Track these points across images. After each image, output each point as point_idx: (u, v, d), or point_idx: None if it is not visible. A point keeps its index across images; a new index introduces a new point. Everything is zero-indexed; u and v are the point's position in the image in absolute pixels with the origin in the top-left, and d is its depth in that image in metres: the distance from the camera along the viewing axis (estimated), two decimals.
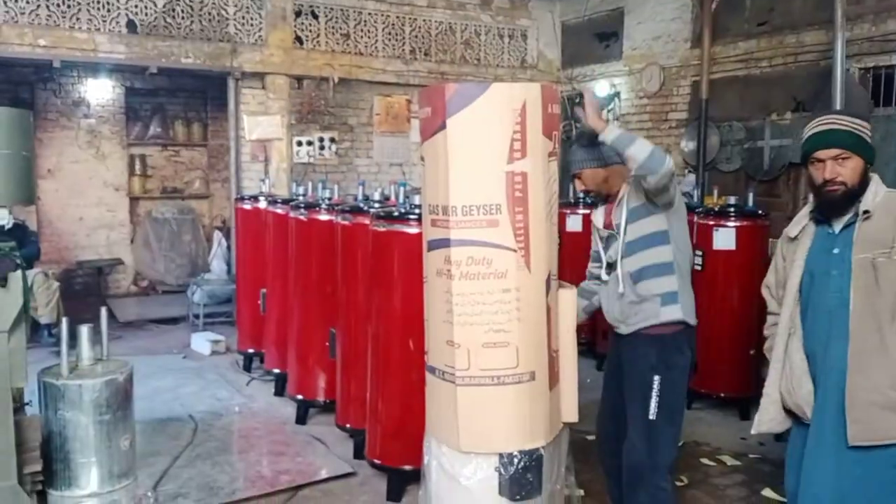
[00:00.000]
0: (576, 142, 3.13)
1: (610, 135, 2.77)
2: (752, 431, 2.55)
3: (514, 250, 2.55)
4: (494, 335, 2.55)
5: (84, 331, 3.78)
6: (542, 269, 2.63)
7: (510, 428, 2.60)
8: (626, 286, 2.92)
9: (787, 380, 2.44)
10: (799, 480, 2.44)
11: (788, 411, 2.48)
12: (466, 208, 2.54)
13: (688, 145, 7.56)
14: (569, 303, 2.84)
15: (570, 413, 2.87)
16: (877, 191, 2.33)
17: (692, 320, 2.94)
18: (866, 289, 2.26)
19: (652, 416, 2.83)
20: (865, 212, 2.30)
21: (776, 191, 6.75)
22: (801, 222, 2.50)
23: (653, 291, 2.90)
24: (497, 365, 2.57)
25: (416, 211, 3.58)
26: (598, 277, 3.11)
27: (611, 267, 3.04)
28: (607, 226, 3.03)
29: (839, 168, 2.31)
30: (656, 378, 2.83)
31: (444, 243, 2.60)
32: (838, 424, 2.29)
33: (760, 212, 5.11)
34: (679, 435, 2.97)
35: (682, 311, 2.90)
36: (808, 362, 2.39)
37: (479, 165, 2.55)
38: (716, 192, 5.63)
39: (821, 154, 2.36)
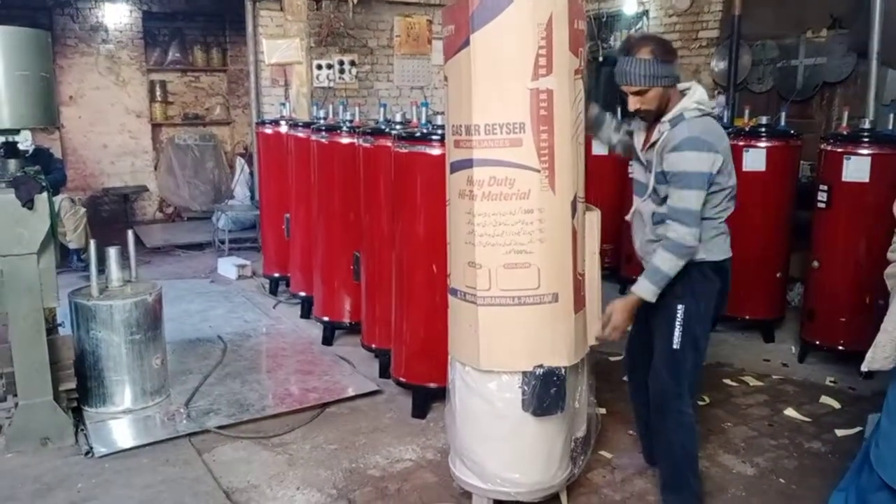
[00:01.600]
0: (648, 47, 2.65)
1: (649, 292, 2.70)
2: (864, 368, 2.31)
3: (538, 171, 2.51)
4: (516, 256, 2.54)
5: (112, 253, 3.85)
6: (568, 190, 2.59)
7: (530, 348, 2.61)
8: (648, 224, 2.83)
9: None
10: (892, 423, 2.28)
11: None
12: (489, 127, 2.50)
13: (718, 65, 7.31)
14: (594, 226, 2.81)
15: (592, 336, 2.89)
16: None
17: (716, 257, 2.78)
18: None
19: (676, 346, 2.78)
20: None
21: (809, 111, 6.54)
22: None
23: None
24: (518, 286, 2.57)
25: (439, 131, 3.52)
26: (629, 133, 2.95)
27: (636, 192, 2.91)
28: (644, 148, 2.83)
29: None
30: (680, 307, 2.76)
31: (467, 164, 2.56)
32: None
33: (792, 132, 4.97)
34: (702, 360, 2.95)
35: (703, 251, 2.73)
36: None
37: (502, 82, 2.48)
38: (747, 112, 5.46)
39: None
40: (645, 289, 2.70)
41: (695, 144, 2.58)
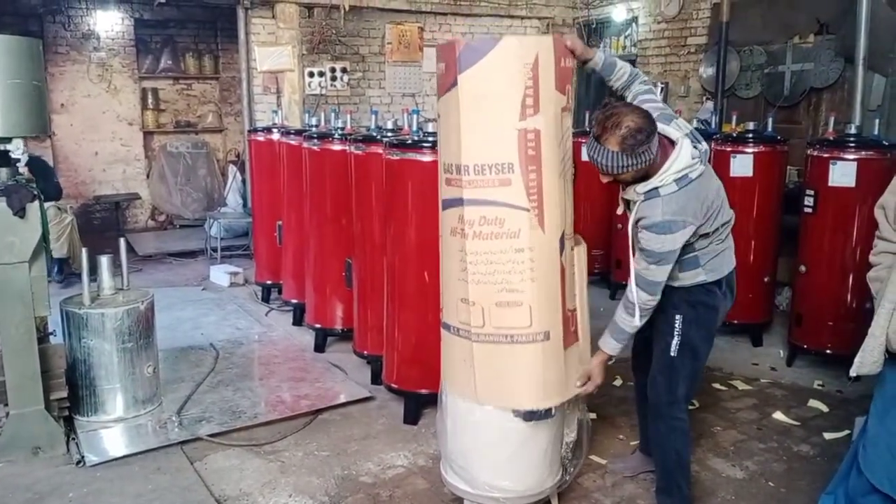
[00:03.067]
0: (613, 138, 2.52)
1: (616, 348, 2.80)
2: (852, 373, 2.32)
3: (527, 210, 2.53)
4: (508, 294, 2.58)
5: (104, 261, 3.86)
6: (556, 228, 2.62)
7: (524, 386, 2.66)
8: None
9: None
10: (882, 423, 2.31)
11: (890, 353, 2.26)
12: (478, 167, 2.52)
13: (706, 71, 7.37)
14: (582, 261, 2.84)
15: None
16: None
17: (717, 276, 2.78)
18: None
19: (673, 353, 2.82)
20: None
21: (796, 117, 6.61)
22: None
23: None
24: (511, 324, 2.60)
25: (430, 139, 3.56)
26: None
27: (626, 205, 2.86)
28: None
29: None
30: (678, 317, 2.79)
31: (458, 203, 2.59)
32: None
33: (779, 138, 5.02)
34: (701, 369, 2.97)
35: (704, 273, 2.75)
36: None
37: (490, 123, 2.52)
38: (734, 118, 5.51)
39: None
40: (611, 346, 2.80)
41: (666, 228, 2.56)
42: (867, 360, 2.27)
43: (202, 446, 3.56)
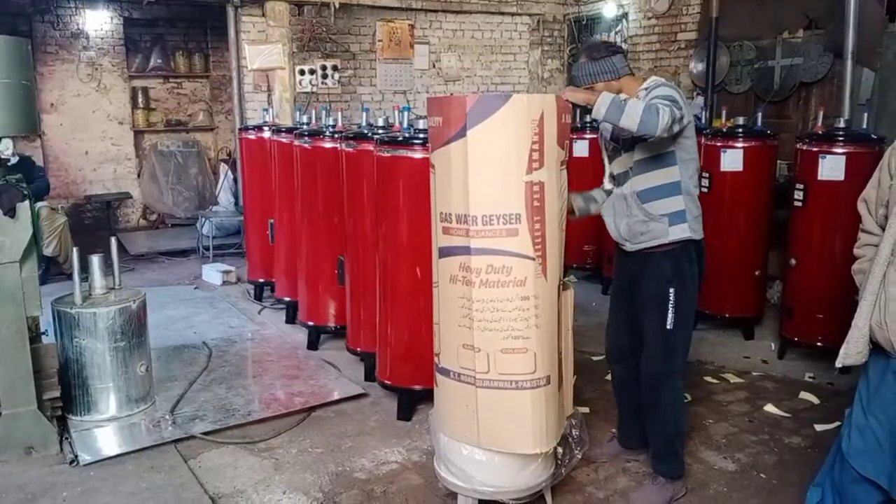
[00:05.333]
0: (584, 54, 3.04)
1: (599, 111, 2.72)
2: (838, 364, 2.36)
3: (533, 259, 2.61)
4: (513, 342, 2.64)
5: (95, 260, 3.85)
6: (556, 275, 2.72)
7: (528, 431, 2.70)
8: (635, 205, 2.95)
9: (880, 312, 2.25)
10: (867, 417, 2.35)
11: (874, 344, 2.31)
12: (486, 218, 2.59)
13: (696, 67, 7.39)
14: (569, 303, 2.92)
15: (569, 407, 3.02)
16: None
17: (699, 235, 3.00)
18: None
19: (669, 326, 2.95)
20: None
21: (786, 112, 6.63)
22: None
23: (660, 211, 2.93)
24: (516, 370, 2.66)
25: (421, 136, 3.56)
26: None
27: (613, 179, 3.08)
28: (615, 139, 3.02)
29: None
30: (672, 290, 2.93)
31: (462, 251, 2.64)
32: None
33: (769, 132, 5.05)
34: (691, 337, 3.13)
35: (689, 229, 2.95)
36: None
37: (499, 176, 2.59)
38: (724, 113, 5.53)
39: None
40: (606, 100, 2.68)
41: (670, 86, 2.87)
42: (851, 351, 2.33)
43: (196, 444, 3.56)
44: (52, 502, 3.04)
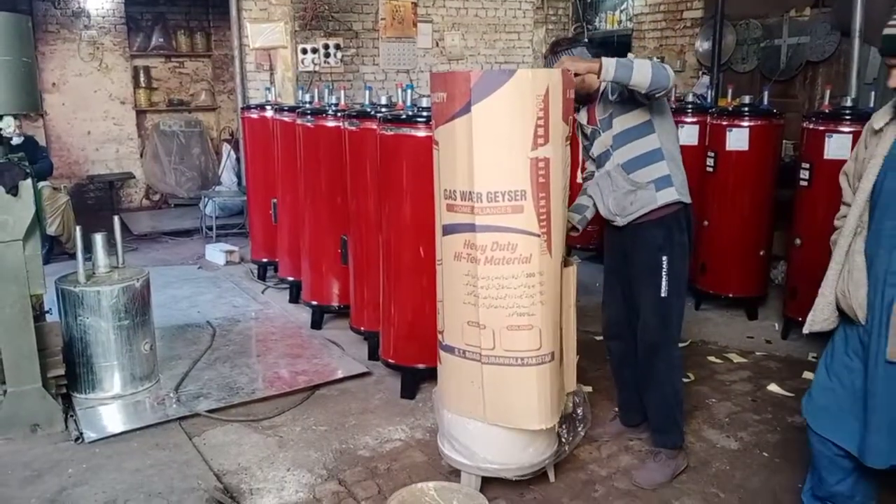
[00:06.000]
0: (551, 50, 3.11)
1: (609, 72, 2.70)
2: (805, 331, 2.46)
3: (538, 235, 2.60)
4: (519, 318, 2.64)
5: (98, 239, 3.85)
6: (560, 252, 2.72)
7: (532, 407, 2.71)
8: (620, 177, 2.98)
9: (844, 281, 2.33)
10: (830, 378, 2.41)
11: (841, 311, 2.38)
12: (492, 194, 2.58)
13: (702, 45, 7.33)
14: (571, 279, 2.92)
15: (571, 384, 3.02)
16: None
17: (687, 199, 3.02)
18: (888, 187, 2.15)
19: (664, 294, 2.99)
20: None
21: (792, 91, 6.58)
22: (887, 114, 2.29)
23: (645, 179, 2.96)
24: (521, 347, 2.66)
25: (424, 114, 3.54)
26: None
27: (595, 162, 3.13)
28: (591, 122, 3.06)
29: None
30: (664, 258, 2.97)
31: (467, 228, 2.63)
32: (881, 336, 2.24)
33: (775, 111, 5.00)
34: (684, 306, 3.17)
35: (676, 192, 2.97)
36: (868, 265, 2.27)
37: (504, 152, 2.57)
38: (730, 92, 5.49)
39: (890, 60, 2.22)
40: (610, 64, 2.69)
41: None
42: (818, 318, 2.43)
43: (200, 422, 3.57)
44: (57, 479, 3.06)
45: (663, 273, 2.97)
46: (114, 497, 2.92)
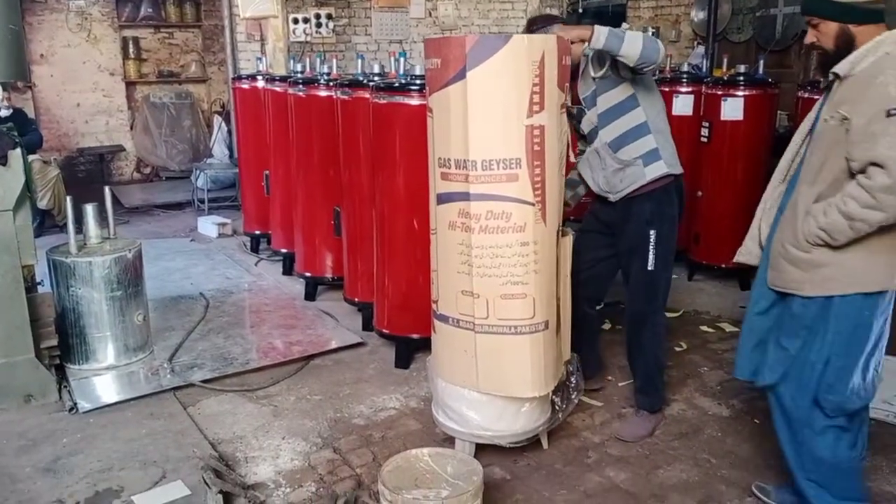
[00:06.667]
0: (527, 28, 3.13)
1: (599, 40, 2.70)
2: (734, 260, 2.70)
3: (533, 204, 2.59)
4: (512, 287, 2.63)
5: (89, 209, 3.83)
6: (555, 221, 2.71)
7: (526, 376, 2.71)
8: (608, 156, 2.99)
9: (766, 217, 2.56)
10: (750, 310, 2.64)
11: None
12: (486, 162, 2.55)
13: (697, 15, 7.29)
14: (568, 249, 2.92)
15: (566, 353, 3.03)
16: (866, 55, 2.19)
17: (677, 170, 3.03)
18: (811, 150, 2.36)
19: (650, 268, 3.04)
20: (835, 75, 2.24)
21: (787, 61, 6.56)
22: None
23: (633, 155, 2.97)
24: (515, 315, 2.66)
25: (418, 82, 3.51)
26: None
27: (584, 139, 3.14)
28: (575, 101, 3.06)
29: (814, 33, 2.31)
30: (652, 232, 3.00)
31: (461, 197, 2.62)
32: (766, 261, 2.50)
33: (770, 81, 4.97)
34: (671, 278, 3.19)
35: (665, 165, 2.98)
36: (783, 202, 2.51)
37: (499, 119, 2.55)
38: (725, 62, 5.46)
39: (808, 19, 2.36)
40: (602, 31, 2.71)
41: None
42: (743, 250, 2.65)
43: (195, 392, 3.58)
44: (52, 448, 3.07)
45: (650, 247, 3.01)
46: (109, 465, 2.92)
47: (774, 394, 2.51)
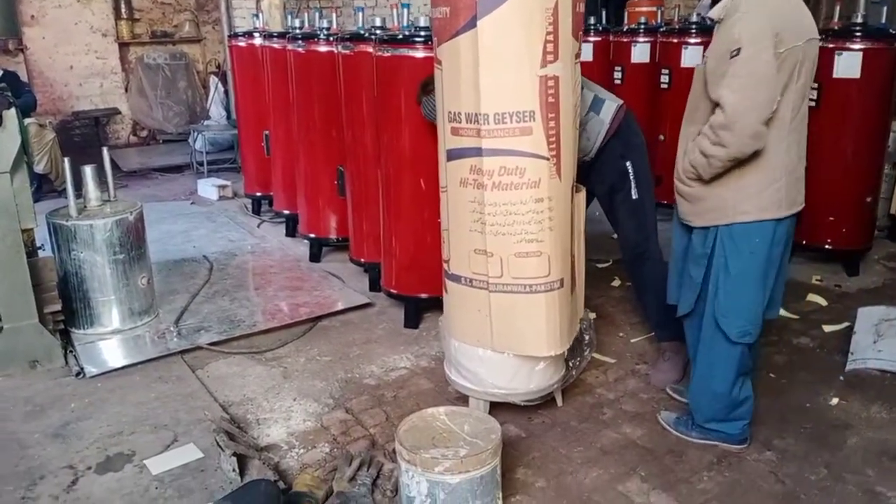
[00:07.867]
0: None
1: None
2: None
3: (547, 158, 2.49)
4: (527, 245, 2.56)
5: (88, 171, 3.75)
6: (570, 176, 2.62)
7: (541, 334, 2.66)
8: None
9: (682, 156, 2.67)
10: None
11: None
12: (499, 116, 2.45)
13: None
14: (581, 206, 2.84)
15: (581, 310, 2.99)
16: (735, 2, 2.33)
17: (619, 100, 3.14)
18: (691, 91, 2.52)
19: (635, 196, 3.13)
20: (710, 19, 2.46)
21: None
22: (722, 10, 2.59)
23: (583, 112, 2.99)
24: (530, 274, 2.59)
25: (423, 33, 3.40)
26: None
27: None
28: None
29: None
30: (628, 164, 3.10)
31: (473, 153, 2.52)
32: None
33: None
34: (654, 201, 3.26)
35: (610, 101, 3.10)
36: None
37: (512, 70, 2.43)
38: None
39: None
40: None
41: None
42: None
43: (202, 355, 3.54)
44: (60, 413, 3.03)
45: (630, 177, 3.10)
46: (119, 430, 2.89)
47: (689, 321, 2.73)
